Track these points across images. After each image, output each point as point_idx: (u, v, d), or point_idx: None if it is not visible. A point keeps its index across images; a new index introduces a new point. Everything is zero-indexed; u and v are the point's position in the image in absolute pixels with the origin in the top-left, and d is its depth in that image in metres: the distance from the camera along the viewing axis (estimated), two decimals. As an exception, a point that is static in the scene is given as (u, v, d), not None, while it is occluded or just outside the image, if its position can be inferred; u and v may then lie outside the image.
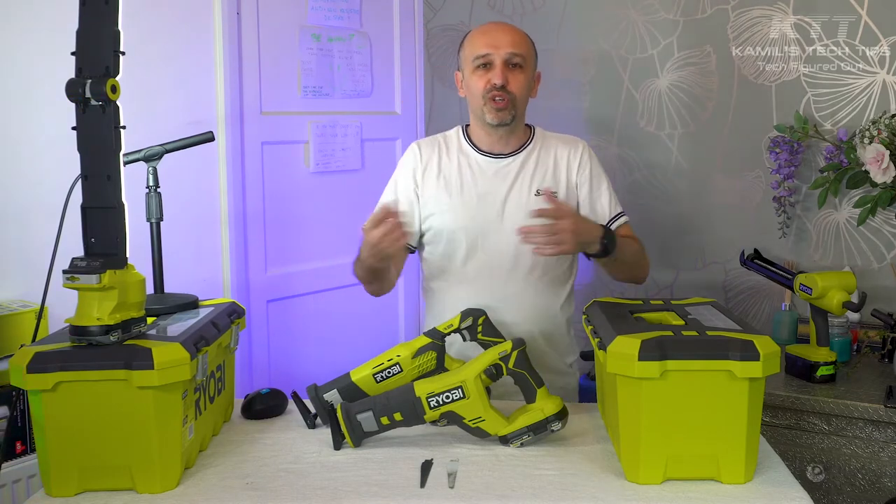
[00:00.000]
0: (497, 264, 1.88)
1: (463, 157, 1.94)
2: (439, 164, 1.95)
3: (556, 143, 1.97)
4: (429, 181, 1.94)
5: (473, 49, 1.88)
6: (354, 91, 2.77)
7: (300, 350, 2.66)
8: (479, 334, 1.71)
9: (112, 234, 1.35)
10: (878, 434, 2.00)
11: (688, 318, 1.52)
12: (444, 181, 1.93)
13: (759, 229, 2.61)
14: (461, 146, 1.96)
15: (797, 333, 2.45)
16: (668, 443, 1.34)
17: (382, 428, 1.50)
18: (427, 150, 1.97)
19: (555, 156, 1.94)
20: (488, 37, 1.88)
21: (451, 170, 1.93)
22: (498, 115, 1.86)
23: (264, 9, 2.50)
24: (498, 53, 1.85)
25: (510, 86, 1.85)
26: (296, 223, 2.63)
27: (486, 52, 1.86)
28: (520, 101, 1.88)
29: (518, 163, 1.92)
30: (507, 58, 1.85)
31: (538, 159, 1.93)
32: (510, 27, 1.92)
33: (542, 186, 1.90)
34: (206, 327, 1.48)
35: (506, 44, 1.85)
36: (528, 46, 1.90)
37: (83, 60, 1.32)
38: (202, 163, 2.36)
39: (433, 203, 1.93)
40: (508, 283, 1.88)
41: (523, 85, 1.88)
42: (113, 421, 1.31)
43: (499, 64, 1.85)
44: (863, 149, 2.33)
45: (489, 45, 1.86)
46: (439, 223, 1.92)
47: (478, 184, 1.91)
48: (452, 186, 1.92)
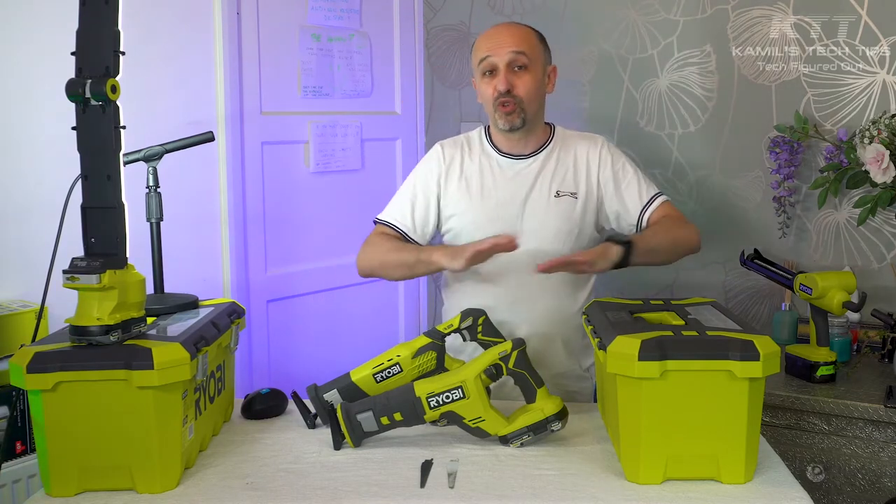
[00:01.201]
0: (516, 267, 1.87)
1: (485, 158, 1.95)
2: (462, 165, 1.95)
3: (576, 141, 1.97)
4: (451, 182, 1.94)
5: (478, 55, 1.88)
6: (354, 91, 2.77)
7: (300, 350, 2.67)
8: (479, 334, 1.71)
9: (112, 234, 1.35)
10: (878, 434, 2.00)
11: (688, 318, 1.52)
12: (465, 182, 1.93)
13: (759, 229, 2.61)
14: (483, 147, 1.96)
15: (797, 333, 2.44)
16: (668, 443, 1.34)
17: (382, 428, 1.50)
18: (450, 151, 1.97)
19: (574, 155, 1.94)
20: (490, 41, 1.87)
21: (472, 171, 1.93)
22: (507, 119, 1.85)
23: (264, 9, 2.50)
24: (500, 58, 1.84)
25: (516, 90, 1.84)
26: (296, 223, 2.63)
27: (487, 56, 1.85)
28: (528, 103, 1.86)
29: (538, 164, 1.92)
30: (510, 60, 1.84)
31: (558, 159, 1.93)
32: (513, 27, 1.90)
33: (562, 188, 1.90)
34: (206, 327, 1.48)
35: (508, 45, 1.84)
36: (532, 44, 1.88)
37: (83, 60, 1.32)
38: (202, 163, 2.36)
39: (454, 204, 1.93)
40: (528, 285, 1.87)
41: (530, 86, 1.86)
42: (113, 421, 1.31)
43: (502, 69, 1.84)
44: (863, 149, 2.33)
45: (491, 50, 1.85)
46: (460, 225, 1.92)
47: (498, 186, 1.91)
48: (473, 188, 1.92)
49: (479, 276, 1.90)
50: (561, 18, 2.90)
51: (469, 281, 1.92)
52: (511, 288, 1.88)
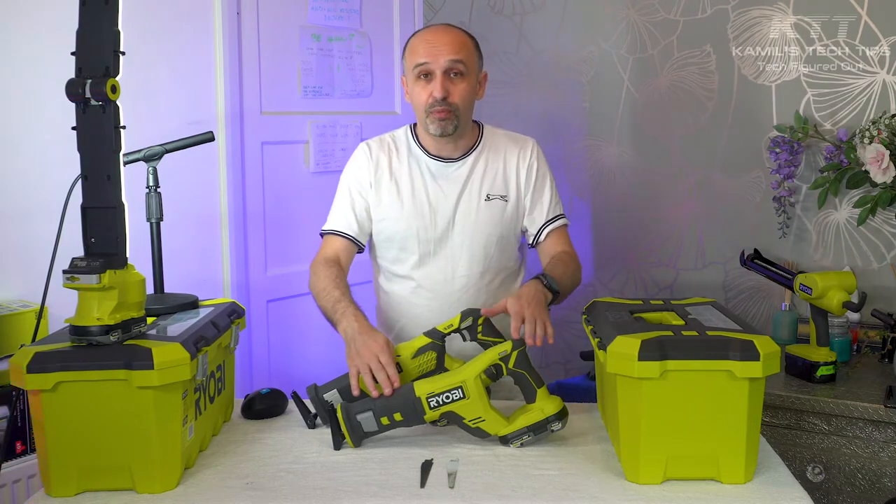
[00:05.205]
0: (449, 270, 1.88)
1: (413, 160, 1.92)
2: (390, 166, 1.92)
3: (506, 143, 1.95)
4: (381, 184, 1.91)
5: (414, 57, 1.84)
6: (354, 91, 2.77)
7: (300, 350, 2.66)
8: (479, 334, 1.70)
9: (112, 234, 1.35)
10: (878, 434, 2.00)
11: (688, 318, 1.52)
12: (395, 186, 1.90)
13: (759, 229, 2.61)
14: (411, 149, 1.93)
15: (797, 333, 2.45)
16: (668, 443, 1.34)
17: (382, 428, 1.51)
18: (377, 151, 1.93)
19: (504, 157, 1.93)
20: (428, 45, 1.82)
21: (402, 174, 1.91)
22: (440, 125, 1.82)
23: (264, 9, 2.49)
24: (437, 63, 1.80)
25: (451, 97, 1.81)
26: (296, 223, 2.63)
27: (425, 62, 1.81)
28: (463, 110, 1.84)
29: (467, 167, 1.91)
30: (447, 67, 1.80)
31: (487, 162, 1.92)
32: (451, 32, 1.86)
33: (491, 191, 1.89)
34: (206, 327, 1.48)
35: (445, 52, 1.81)
36: (469, 51, 1.85)
37: (83, 60, 1.32)
38: (202, 163, 2.36)
39: (385, 208, 1.90)
40: (461, 288, 1.88)
41: (465, 94, 1.83)
42: (113, 421, 1.31)
43: (439, 75, 1.80)
44: (863, 149, 2.33)
45: (428, 55, 1.81)
46: (392, 229, 1.90)
47: (429, 190, 1.89)
48: (404, 192, 1.89)
49: (411, 280, 1.90)
50: (561, 18, 2.90)
51: (402, 283, 1.93)
52: (444, 291, 1.88)
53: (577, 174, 2.92)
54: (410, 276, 1.91)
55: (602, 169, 2.88)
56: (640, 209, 2.83)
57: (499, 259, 1.91)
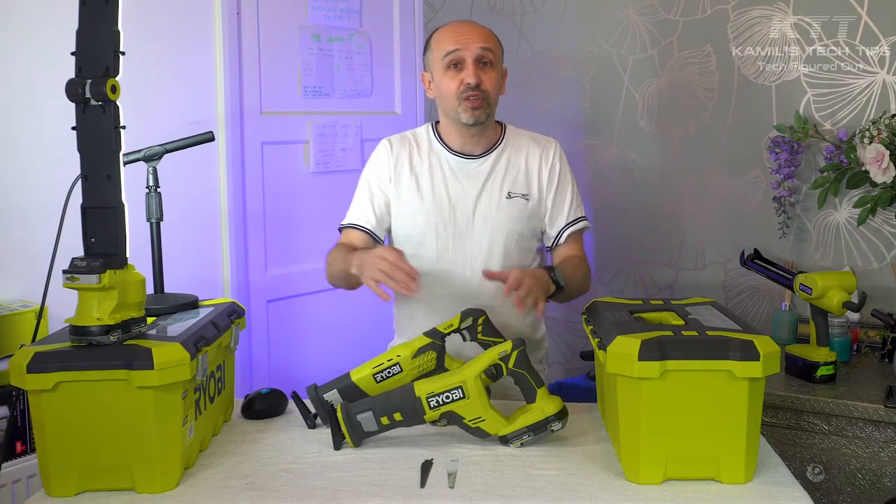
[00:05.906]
0: (467, 267, 1.89)
1: (434, 156, 1.93)
2: (411, 162, 1.93)
3: (528, 142, 1.96)
4: (401, 180, 1.92)
5: (442, 47, 1.86)
6: (354, 91, 2.77)
7: (300, 350, 2.67)
8: (479, 334, 1.71)
9: (112, 234, 1.35)
10: (878, 434, 2.00)
11: (688, 318, 1.52)
12: (415, 182, 1.91)
13: (759, 229, 2.61)
14: (432, 146, 1.95)
15: (797, 333, 2.44)
16: (668, 443, 1.34)
17: (382, 428, 1.50)
18: (398, 147, 1.95)
19: (526, 157, 1.94)
20: (457, 35, 1.85)
21: (422, 170, 1.92)
22: (474, 113, 1.84)
23: (264, 9, 2.50)
24: (469, 51, 1.83)
25: (484, 84, 1.83)
26: (296, 223, 2.63)
27: (455, 48, 1.83)
28: (493, 99, 1.87)
29: (489, 164, 1.92)
30: (478, 55, 1.83)
31: (509, 160, 1.93)
32: (477, 24, 1.91)
33: (513, 189, 1.90)
34: (206, 327, 1.48)
35: (476, 40, 1.84)
36: (495, 42, 1.89)
37: (83, 60, 1.32)
38: (202, 163, 2.36)
39: (404, 204, 1.92)
40: (478, 285, 1.88)
41: (495, 83, 1.87)
42: (113, 421, 1.31)
43: (470, 63, 1.83)
44: (863, 149, 2.33)
45: (459, 43, 1.84)
46: (410, 225, 1.92)
47: (449, 186, 1.90)
48: (424, 189, 1.91)
49: (428, 277, 1.88)
50: (561, 18, 2.90)
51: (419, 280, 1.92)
52: (461, 288, 1.88)
53: (577, 174, 2.87)
54: (428, 272, 1.90)
55: (602, 169, 2.88)
56: (639, 209, 2.83)
57: (517, 257, 1.91)
